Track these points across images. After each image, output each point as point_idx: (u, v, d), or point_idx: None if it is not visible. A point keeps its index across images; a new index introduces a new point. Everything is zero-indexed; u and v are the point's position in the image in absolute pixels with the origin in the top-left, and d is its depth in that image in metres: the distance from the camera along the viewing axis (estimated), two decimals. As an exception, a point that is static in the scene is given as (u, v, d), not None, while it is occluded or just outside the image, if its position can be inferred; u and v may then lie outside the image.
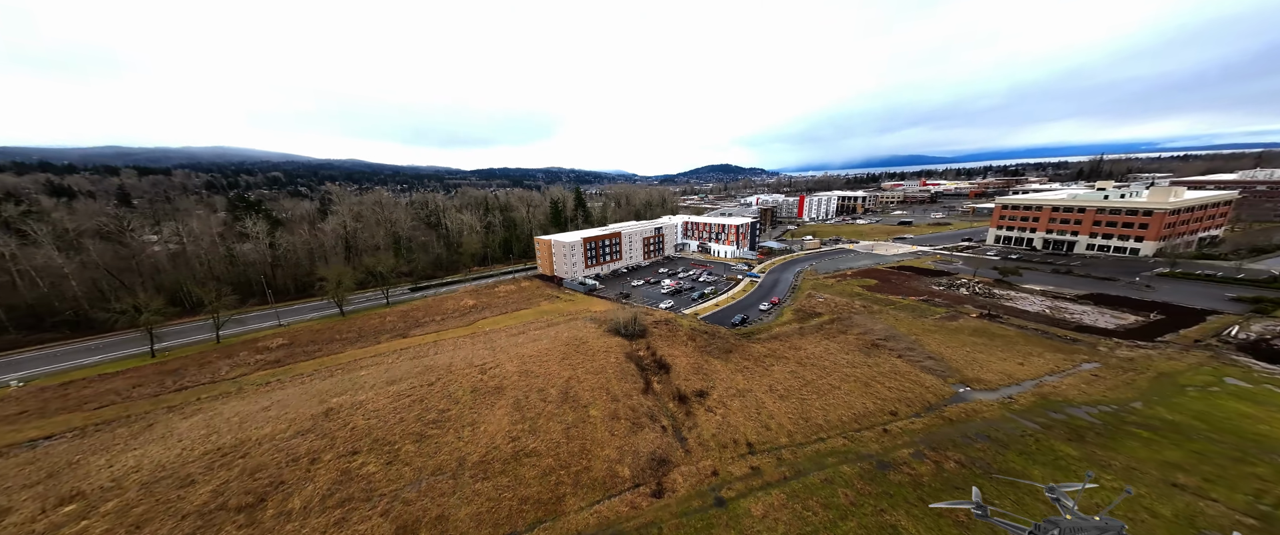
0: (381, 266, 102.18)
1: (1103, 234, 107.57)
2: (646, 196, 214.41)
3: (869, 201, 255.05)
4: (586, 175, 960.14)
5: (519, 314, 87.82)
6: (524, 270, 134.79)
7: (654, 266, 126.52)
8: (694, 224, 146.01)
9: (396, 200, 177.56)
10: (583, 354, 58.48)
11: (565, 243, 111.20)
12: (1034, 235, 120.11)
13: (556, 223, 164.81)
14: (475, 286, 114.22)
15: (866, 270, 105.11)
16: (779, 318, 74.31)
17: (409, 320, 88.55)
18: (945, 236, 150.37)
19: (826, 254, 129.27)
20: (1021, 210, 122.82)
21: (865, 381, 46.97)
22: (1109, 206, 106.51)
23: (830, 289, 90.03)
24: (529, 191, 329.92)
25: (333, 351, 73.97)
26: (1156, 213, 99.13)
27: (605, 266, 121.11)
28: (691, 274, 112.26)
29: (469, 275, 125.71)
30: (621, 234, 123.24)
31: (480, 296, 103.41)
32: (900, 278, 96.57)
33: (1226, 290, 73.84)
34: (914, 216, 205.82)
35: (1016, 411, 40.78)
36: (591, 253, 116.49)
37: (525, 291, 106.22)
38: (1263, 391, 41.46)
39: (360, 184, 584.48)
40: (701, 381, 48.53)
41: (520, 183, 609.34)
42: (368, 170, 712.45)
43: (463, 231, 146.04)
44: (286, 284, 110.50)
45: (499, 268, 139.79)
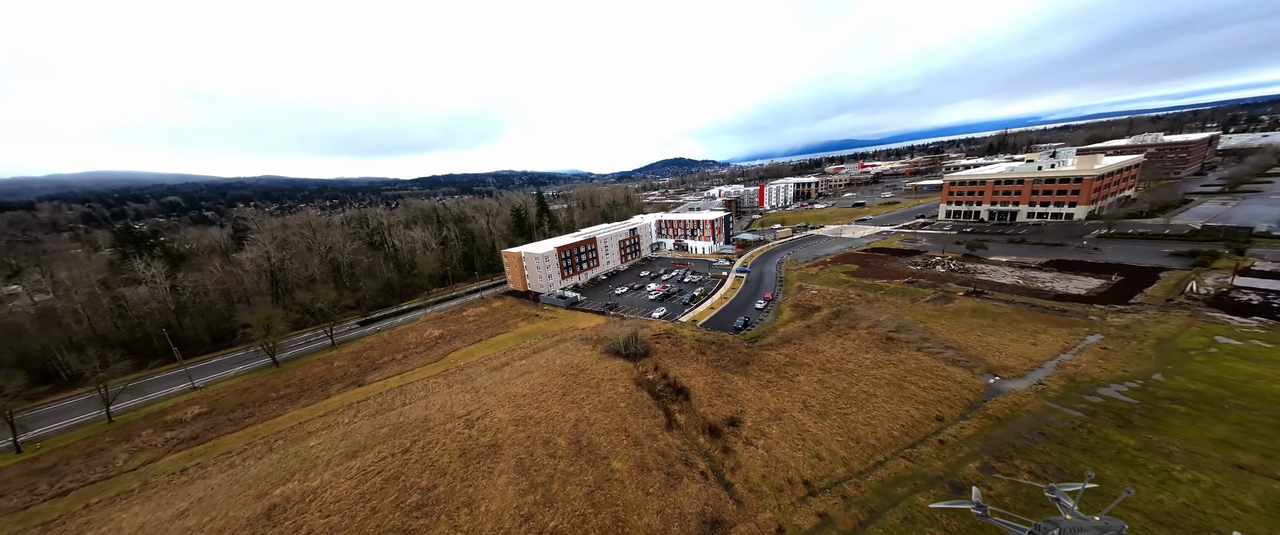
0: (321, 301, 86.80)
1: (1040, 202, 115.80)
2: (611, 196, 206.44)
3: (821, 186, 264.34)
4: (541, 177, 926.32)
5: (496, 341, 77.78)
6: (492, 287, 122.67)
7: (634, 270, 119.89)
8: (668, 222, 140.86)
9: (329, 219, 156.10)
10: (584, 385, 50.92)
11: (537, 254, 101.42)
12: (980, 207, 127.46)
13: (521, 232, 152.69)
14: (438, 312, 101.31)
15: (843, 255, 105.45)
16: (779, 316, 70.87)
17: (363, 363, 75.54)
18: (900, 215, 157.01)
19: (799, 242, 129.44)
20: (968, 185, 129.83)
21: (897, 383, 43.86)
22: (1044, 176, 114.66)
23: (817, 279, 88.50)
24: (482, 198, 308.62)
25: (269, 415, 60.51)
26: (1086, 179, 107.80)
27: (583, 275, 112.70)
28: (676, 275, 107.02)
29: (429, 299, 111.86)
30: (597, 239, 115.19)
31: (446, 324, 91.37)
32: (877, 260, 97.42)
33: (1162, 246, 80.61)
34: (865, 197, 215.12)
35: (1054, 399, 39.21)
36: (567, 262, 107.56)
37: (498, 312, 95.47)
38: (1253, 348, 43.12)
39: (281, 203, 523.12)
40: (728, 406, 43.03)
41: (469, 189, 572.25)
42: (288, 187, 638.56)
43: (415, 250, 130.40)
44: (198, 335, 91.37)
45: (462, 287, 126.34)
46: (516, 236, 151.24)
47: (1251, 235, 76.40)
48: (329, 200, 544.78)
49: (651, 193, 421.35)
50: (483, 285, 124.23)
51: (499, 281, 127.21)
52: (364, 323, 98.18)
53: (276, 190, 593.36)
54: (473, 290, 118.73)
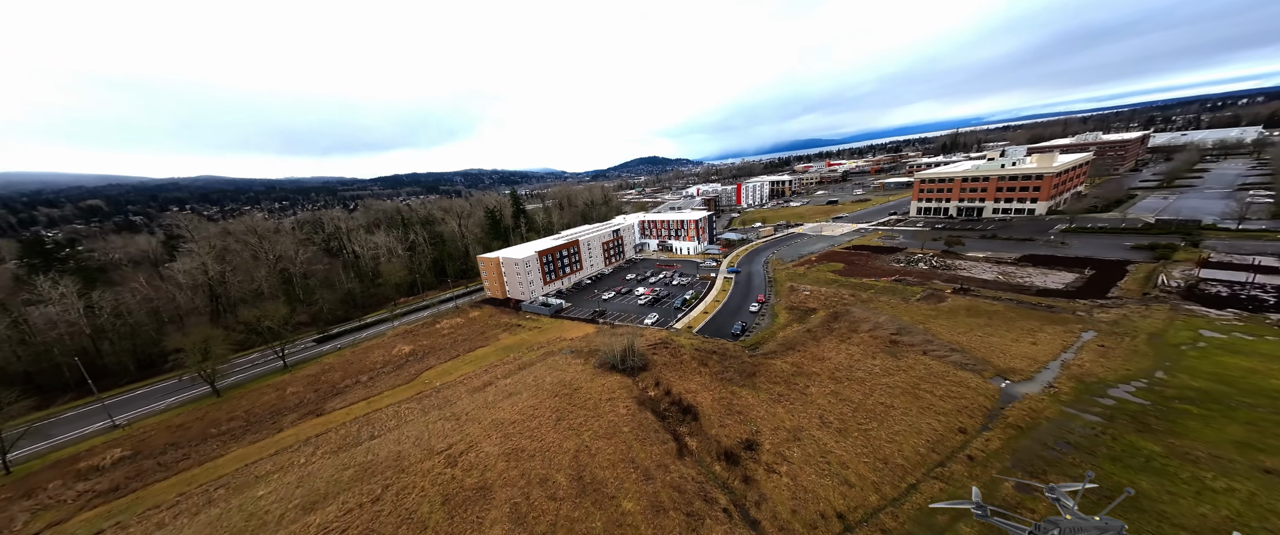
0: (269, 319, 76.78)
1: (1005, 198, 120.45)
2: (589, 195, 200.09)
3: (794, 185, 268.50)
4: (512, 175, 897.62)
5: (476, 356, 71.22)
6: (467, 294, 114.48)
7: (619, 273, 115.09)
8: (651, 222, 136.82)
9: (278, 224, 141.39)
10: (581, 407, 46.08)
11: (517, 260, 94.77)
12: (949, 204, 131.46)
13: (496, 235, 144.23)
14: (408, 325, 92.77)
15: (827, 253, 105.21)
16: (776, 320, 68.49)
17: (322, 387, 67.15)
18: (873, 212, 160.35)
19: (782, 240, 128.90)
20: (938, 183, 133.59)
21: (911, 392, 41.87)
22: (1008, 174, 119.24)
23: (806, 278, 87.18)
24: (451, 199, 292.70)
25: (208, 456, 51.98)
26: (1046, 176, 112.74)
27: (566, 279, 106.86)
28: (664, 277, 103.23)
29: (396, 310, 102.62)
30: (579, 242, 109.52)
31: (418, 338, 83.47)
32: (860, 258, 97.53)
33: (1122, 240, 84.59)
34: (837, 195, 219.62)
35: (1069, 403, 38.25)
36: (549, 267, 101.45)
37: (476, 323, 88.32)
38: (1238, 341, 44.18)
39: (222, 206, 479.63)
40: (741, 426, 39.56)
41: (436, 189, 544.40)
42: (230, 188, 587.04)
43: (378, 256, 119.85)
44: (121, 362, 79.10)
45: (434, 295, 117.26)
46: (491, 240, 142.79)
47: (1200, 227, 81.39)
48: (278, 202, 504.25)
49: (629, 191, 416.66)
50: (457, 293, 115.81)
51: (475, 288, 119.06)
52: (322, 340, 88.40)
53: (216, 192, 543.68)
54: (445, 299, 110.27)
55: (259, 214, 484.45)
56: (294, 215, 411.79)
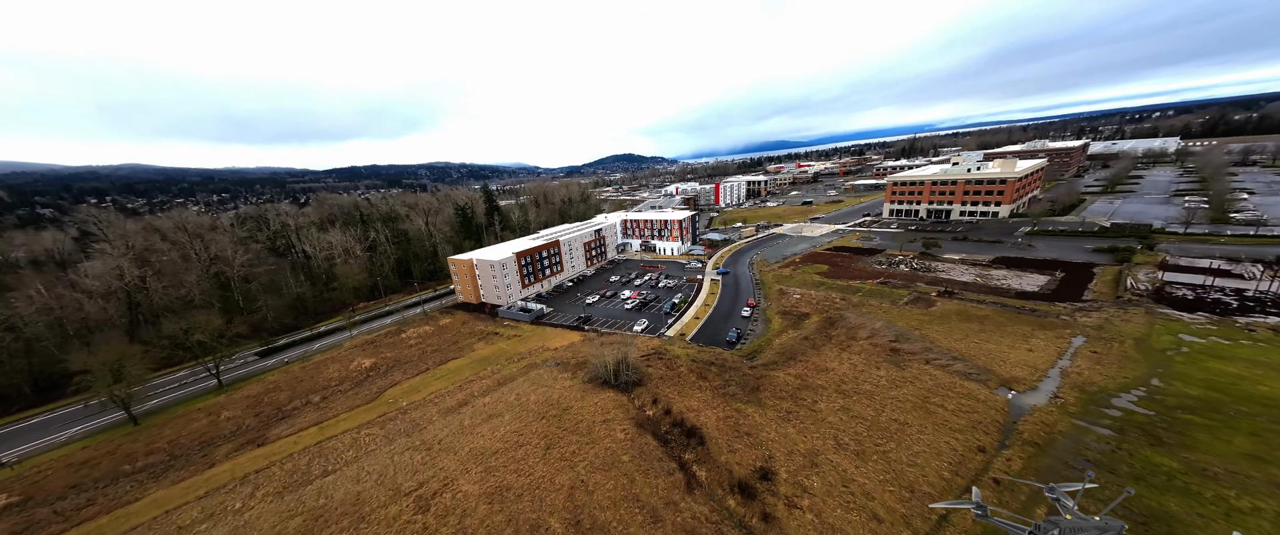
0: (200, 331, 66.34)
1: (971, 201, 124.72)
2: (566, 192, 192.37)
3: (769, 185, 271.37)
4: (482, 170, 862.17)
5: (449, 370, 64.32)
6: (435, 298, 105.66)
7: (602, 274, 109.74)
8: (634, 221, 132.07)
9: (214, 220, 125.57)
10: (573, 431, 41.13)
11: (493, 261, 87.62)
12: (920, 206, 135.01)
13: (468, 233, 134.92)
14: (369, 333, 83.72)
15: (810, 255, 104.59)
16: (770, 326, 65.88)
17: (265, 410, 58.41)
18: (847, 213, 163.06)
19: (764, 241, 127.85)
20: (909, 186, 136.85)
21: (922, 406, 39.88)
22: (974, 178, 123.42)
23: (793, 281, 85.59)
24: (415, 193, 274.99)
25: (119, 501, 43.32)
26: (1010, 181, 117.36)
27: (546, 282, 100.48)
28: (649, 280, 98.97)
29: (354, 317, 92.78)
30: (560, 242, 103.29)
31: (381, 349, 75.13)
32: (843, 259, 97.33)
33: (1083, 242, 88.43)
34: (811, 196, 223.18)
35: (1077, 415, 37.33)
36: (528, 269, 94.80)
37: (447, 331, 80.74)
38: (1217, 346, 45.30)
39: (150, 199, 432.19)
40: (753, 450, 36.04)
41: (398, 182, 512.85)
42: (159, 178, 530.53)
43: (334, 257, 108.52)
44: (13, 384, 66.28)
45: (397, 299, 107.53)
46: (463, 239, 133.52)
47: (1152, 231, 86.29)
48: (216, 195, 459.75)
49: (605, 189, 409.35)
50: (424, 297, 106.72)
51: (444, 291, 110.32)
52: (266, 353, 78.15)
53: (143, 182, 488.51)
54: (412, 304, 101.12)
55: (194, 208, 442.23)
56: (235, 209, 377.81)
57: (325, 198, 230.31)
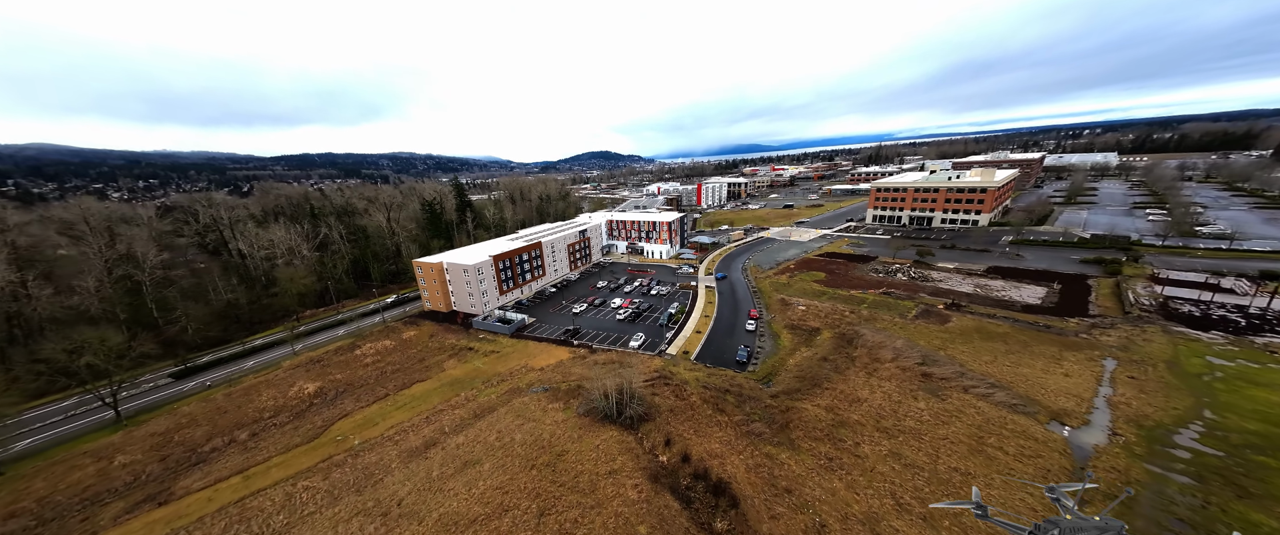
0: (94, 351, 52.55)
1: (952, 209, 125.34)
2: (543, 189, 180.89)
3: (748, 187, 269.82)
4: (451, 162, 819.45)
5: (413, 395, 54.12)
6: (398, 304, 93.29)
7: (587, 279, 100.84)
8: (620, 222, 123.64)
9: (133, 210, 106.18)
10: (571, 488, 32.88)
11: (467, 265, 77.10)
12: (903, 213, 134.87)
13: (437, 232, 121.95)
14: (316, 349, 71.20)
15: (803, 261, 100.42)
16: (779, 342, 59.92)
17: (174, 453, 46.38)
18: (829, 217, 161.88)
19: (754, 245, 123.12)
20: (892, 192, 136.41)
21: (978, 448, 34.66)
22: (955, 186, 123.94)
23: (792, 289, 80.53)
24: (375, 185, 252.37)
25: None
26: (990, 190, 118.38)
27: (527, 287, 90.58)
28: (640, 286, 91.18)
29: (299, 327, 79.60)
30: (542, 244, 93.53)
31: (329, 369, 63.42)
32: (838, 266, 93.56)
33: (1068, 253, 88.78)
34: (792, 199, 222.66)
35: (1146, 457, 33.23)
36: (506, 274, 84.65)
37: (412, 346, 69.77)
38: (1247, 370, 43.21)
39: (60, 183, 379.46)
40: (798, 514, 29.22)
41: (357, 173, 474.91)
42: (73, 160, 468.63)
43: (277, 256, 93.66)
44: None
45: (353, 306, 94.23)
46: (431, 238, 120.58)
47: (1131, 243, 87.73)
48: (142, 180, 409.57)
49: (583, 186, 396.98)
50: (385, 303, 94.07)
51: (408, 295, 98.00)
52: (184, 374, 64.42)
53: (53, 164, 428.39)
54: (370, 311, 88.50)
55: (114, 195, 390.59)
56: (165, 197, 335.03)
57: (270, 187, 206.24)
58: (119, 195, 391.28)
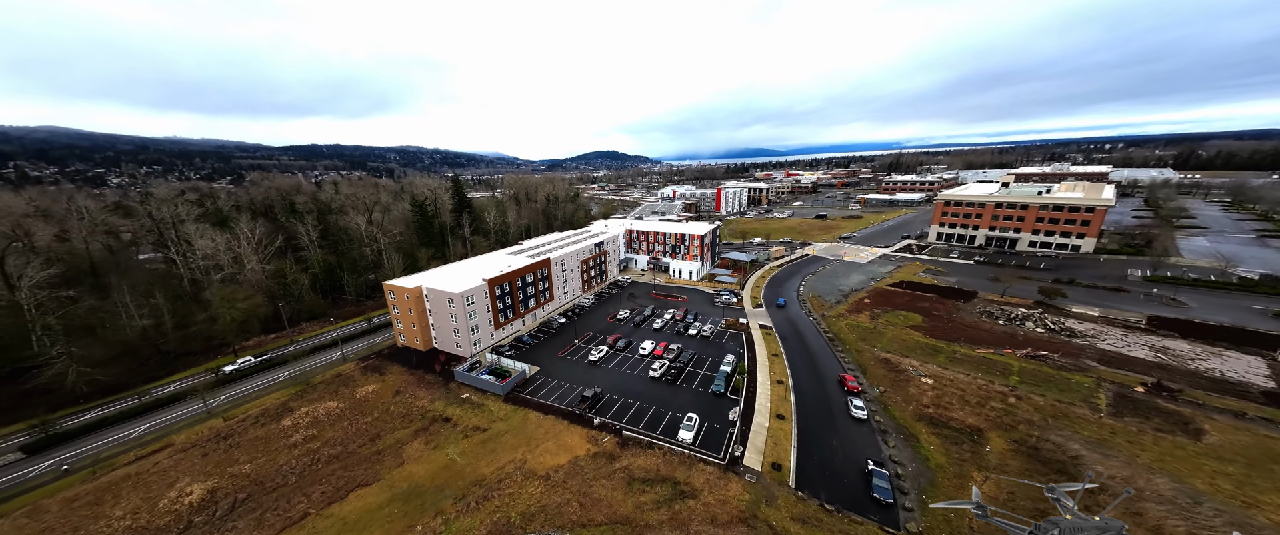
0: None
1: (1045, 231, 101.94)
2: (551, 189, 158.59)
3: (771, 193, 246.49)
4: (458, 157, 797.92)
5: (345, 517, 32.15)
6: (368, 332, 71.70)
7: (604, 304, 78.65)
8: (641, 233, 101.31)
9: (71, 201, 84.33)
10: None
11: (453, 293, 55.49)
12: (977, 232, 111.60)
13: (427, 238, 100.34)
14: (237, 409, 49.18)
15: (877, 292, 77.76)
16: (922, 450, 37.35)
17: None
18: (879, 232, 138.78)
19: (801, 264, 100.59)
20: (964, 207, 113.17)
21: None
22: (1052, 204, 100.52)
23: (886, 339, 58.04)
24: (378, 179, 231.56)
25: None
26: (1098, 209, 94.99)
27: (530, 316, 68.76)
28: (671, 320, 69.01)
29: (233, 366, 57.90)
30: (551, 262, 71.52)
31: (236, 450, 41.84)
32: (933, 305, 70.76)
33: (1248, 301, 65.57)
34: (825, 209, 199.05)
35: None
36: (505, 301, 62.82)
37: (367, 407, 47.95)
38: None
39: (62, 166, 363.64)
40: None
41: (363, 165, 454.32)
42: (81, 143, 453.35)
43: (219, 267, 72.17)
44: None
45: (311, 331, 72.71)
46: (419, 245, 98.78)
47: (1339, 292, 64.30)
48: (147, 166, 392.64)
49: (591, 186, 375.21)
50: (353, 328, 72.52)
51: (376, 317, 76.42)
52: (41, 444, 42.76)
53: (60, 149, 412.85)
54: (326, 344, 66.68)
55: (116, 181, 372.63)
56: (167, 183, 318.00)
57: (262, 178, 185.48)
58: (119, 181, 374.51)
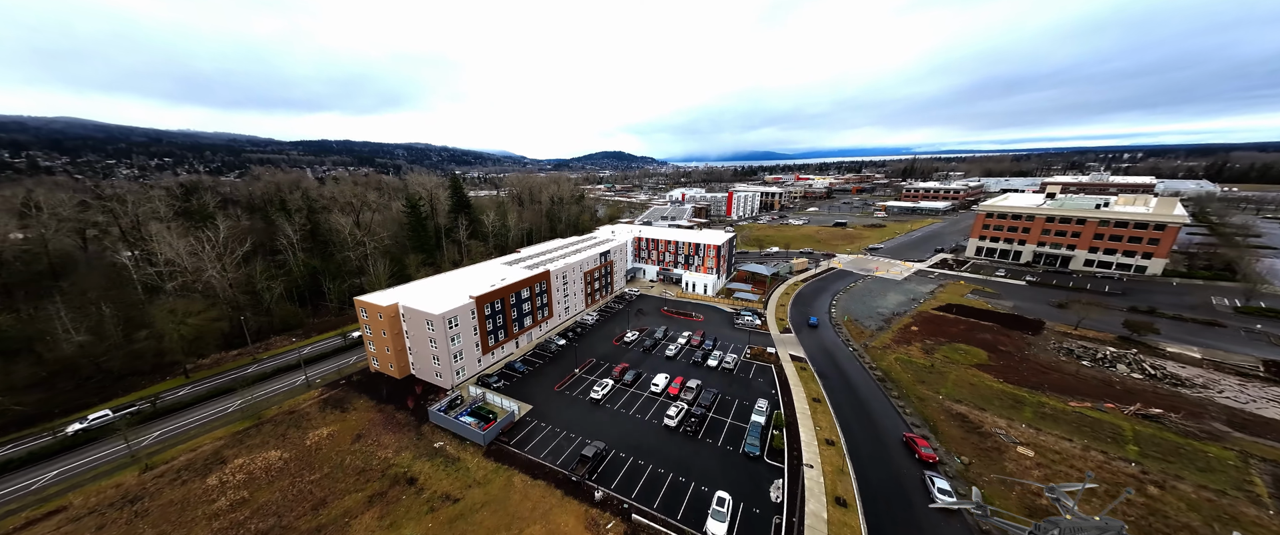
0: None
1: (1104, 248, 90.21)
2: (555, 190, 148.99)
3: (783, 198, 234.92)
4: (465, 155, 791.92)
5: None
6: (340, 350, 62.35)
7: (609, 322, 68.72)
8: (651, 241, 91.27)
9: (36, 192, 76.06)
10: None
11: (433, 314, 46.24)
12: (1024, 247, 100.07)
13: (420, 242, 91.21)
14: (163, 455, 39.72)
15: (924, 319, 67.03)
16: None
17: None
18: (907, 243, 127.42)
19: (828, 280, 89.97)
20: (1009, 219, 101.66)
21: None
22: (1113, 218, 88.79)
23: (949, 383, 47.46)
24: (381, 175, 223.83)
25: None
26: (1169, 226, 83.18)
27: (524, 337, 58.98)
28: (686, 345, 59.19)
29: (172, 392, 48.69)
30: (551, 275, 61.73)
31: (141, 520, 32.10)
32: (996, 337, 59.91)
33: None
34: (837, 214, 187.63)
35: None
36: (495, 322, 53.16)
37: (317, 458, 38.49)
38: None
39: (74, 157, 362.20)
40: None
41: (371, 161, 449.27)
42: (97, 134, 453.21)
43: (185, 270, 63.14)
44: None
45: (281, 346, 63.56)
46: (412, 249, 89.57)
47: None
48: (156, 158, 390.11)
49: (597, 187, 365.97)
50: (326, 344, 63.36)
51: (359, 329, 67.08)
52: None
53: (75, 139, 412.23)
54: (288, 364, 57.23)
55: (125, 172, 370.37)
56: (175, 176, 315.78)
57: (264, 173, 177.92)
58: (128, 172, 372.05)
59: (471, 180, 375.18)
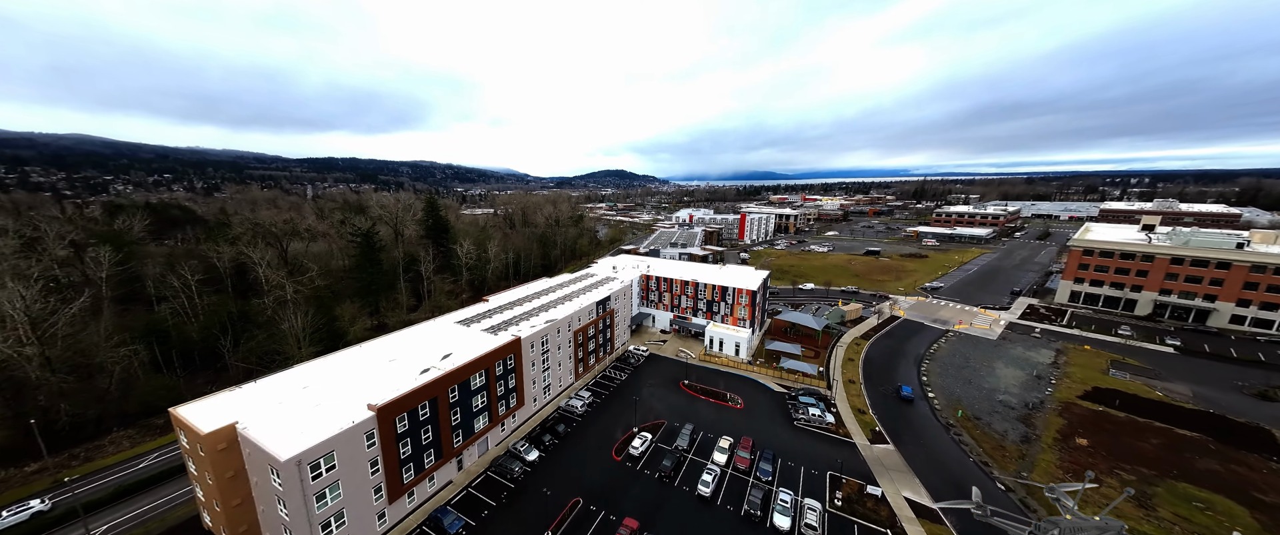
0: None
1: (1260, 302, 67.00)
2: (552, 210, 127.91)
3: (799, 220, 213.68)
4: (469, 172, 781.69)
5: None
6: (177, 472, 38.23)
7: (606, 408, 44.82)
8: (663, 280, 68.88)
9: None
10: None
11: (276, 460, 23.20)
12: (1139, 295, 76.98)
13: (370, 282, 69.17)
14: None
15: (1086, 422, 43.61)
16: None
17: None
18: (969, 282, 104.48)
19: (895, 336, 66.74)
20: (1115, 259, 79.05)
21: None
22: (1273, 264, 65.89)
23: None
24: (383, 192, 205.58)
25: None
26: (1367, 277, 60.12)
27: (467, 451, 34.75)
28: (725, 462, 34.91)
29: None
30: (521, 345, 39.02)
31: None
32: (1225, 467, 36.38)
33: None
34: (873, 243, 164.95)
35: None
36: (416, 442, 29.40)
37: None
38: None
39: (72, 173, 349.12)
40: None
41: (374, 178, 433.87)
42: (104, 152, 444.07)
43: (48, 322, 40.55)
44: None
45: (111, 455, 39.55)
46: (360, 290, 67.58)
47: None
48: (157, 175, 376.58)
49: (598, 205, 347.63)
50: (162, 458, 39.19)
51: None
52: None
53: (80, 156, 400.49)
54: (108, 494, 33.33)
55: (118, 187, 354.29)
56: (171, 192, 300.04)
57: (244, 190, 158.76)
58: (120, 189, 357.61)
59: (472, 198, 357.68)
